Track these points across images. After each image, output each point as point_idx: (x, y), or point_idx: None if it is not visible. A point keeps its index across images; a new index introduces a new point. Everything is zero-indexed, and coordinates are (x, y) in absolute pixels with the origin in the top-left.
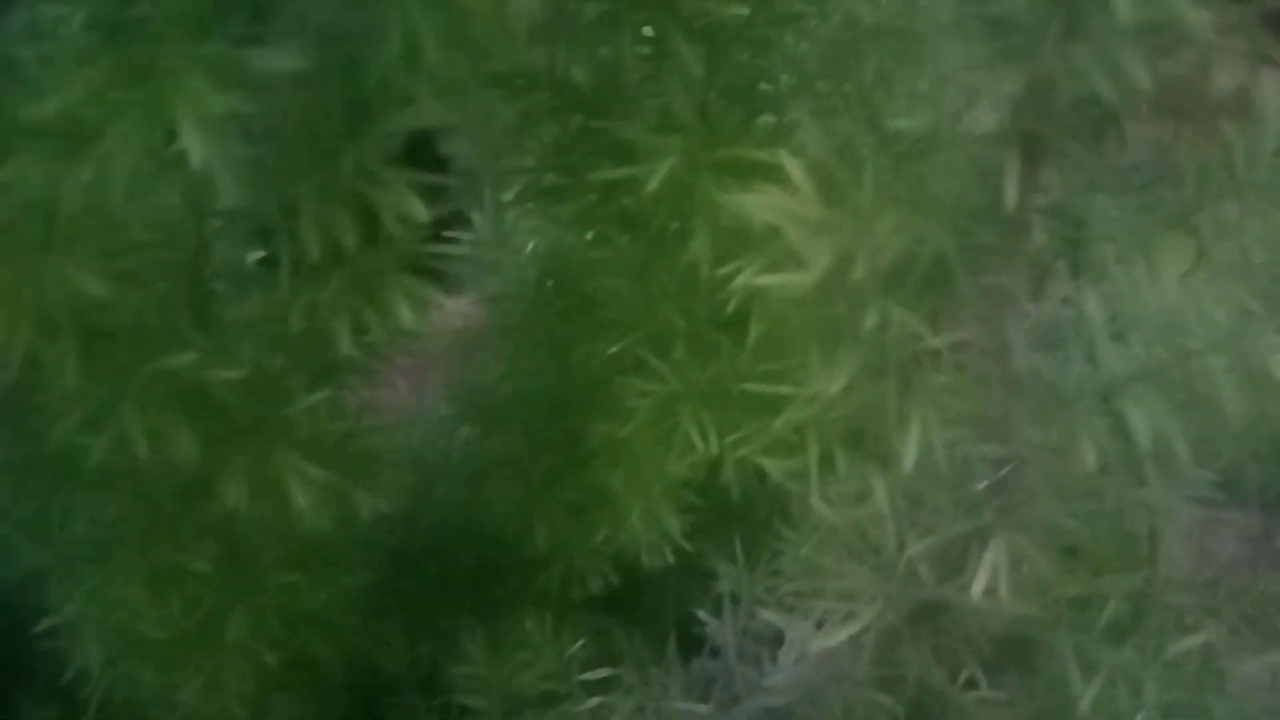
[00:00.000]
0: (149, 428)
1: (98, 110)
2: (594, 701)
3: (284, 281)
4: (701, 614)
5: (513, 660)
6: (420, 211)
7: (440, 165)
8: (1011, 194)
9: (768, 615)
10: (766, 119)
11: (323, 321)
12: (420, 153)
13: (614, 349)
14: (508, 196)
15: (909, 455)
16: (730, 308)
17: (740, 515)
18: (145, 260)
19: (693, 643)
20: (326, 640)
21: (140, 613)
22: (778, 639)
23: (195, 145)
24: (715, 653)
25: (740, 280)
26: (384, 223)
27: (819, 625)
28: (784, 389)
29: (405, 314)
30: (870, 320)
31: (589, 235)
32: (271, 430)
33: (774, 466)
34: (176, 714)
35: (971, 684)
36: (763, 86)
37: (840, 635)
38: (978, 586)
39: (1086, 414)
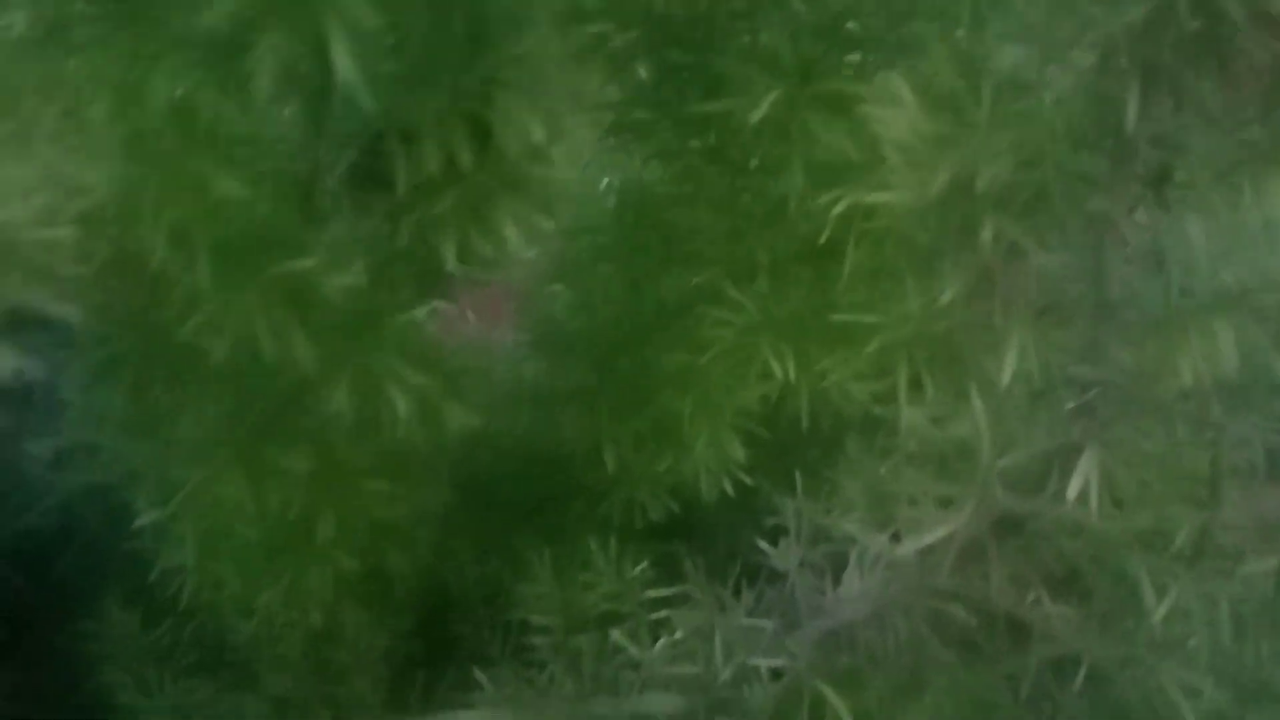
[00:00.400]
0: (270, 328)
1: (247, 22)
2: (658, 614)
3: (399, 196)
4: (762, 543)
5: (577, 581)
6: (539, 133)
7: None
8: (1131, 120)
9: (844, 525)
10: (853, 58)
11: (430, 238)
12: None
13: (695, 281)
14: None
15: (1006, 373)
16: (822, 239)
17: (805, 445)
18: (270, 169)
19: (753, 573)
20: (401, 553)
21: (237, 511)
22: (839, 570)
23: (342, 59)
24: (774, 580)
25: (846, 203)
26: (494, 145)
27: (894, 539)
28: (871, 318)
29: (512, 235)
30: (985, 234)
31: (674, 170)
32: (376, 338)
33: (860, 390)
34: (255, 618)
35: (1038, 602)
36: (850, 26)
37: (926, 539)
38: (1073, 490)
39: (1176, 337)
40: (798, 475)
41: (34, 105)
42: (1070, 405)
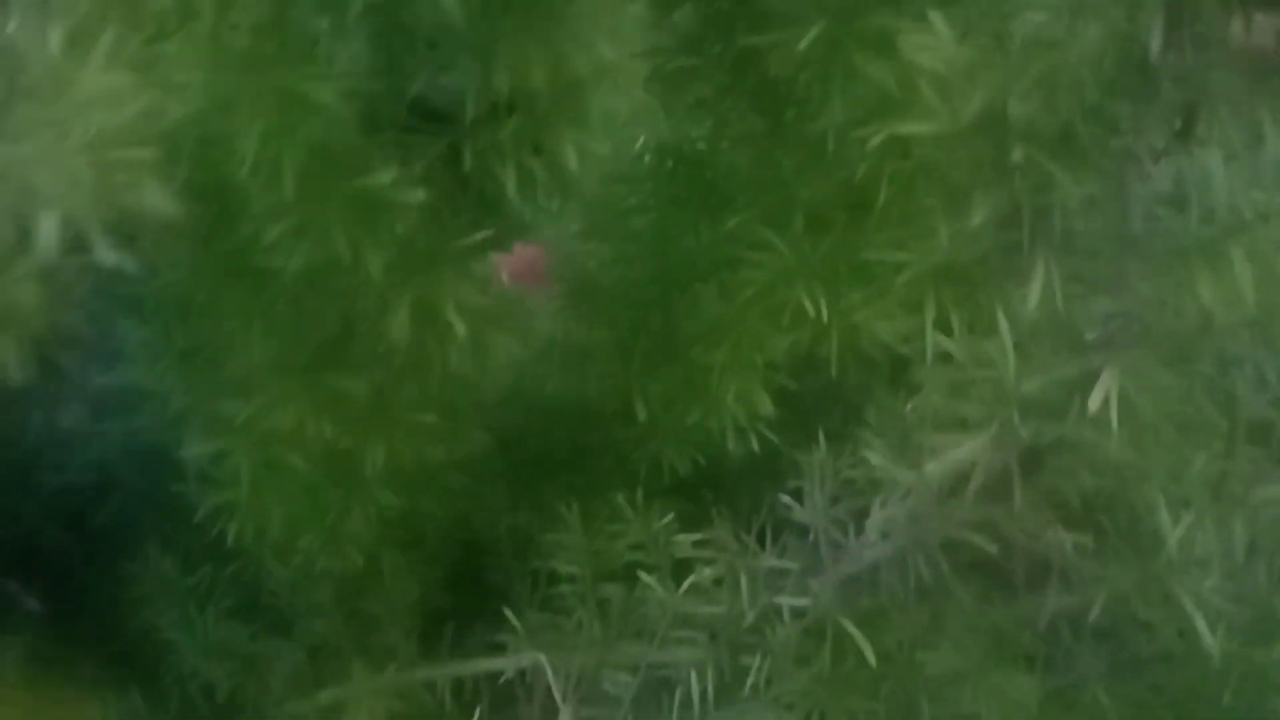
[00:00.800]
0: (347, 240)
1: None
2: (684, 555)
3: (463, 125)
4: (786, 499)
5: (604, 532)
6: (609, 52)
7: None
8: (1154, 56)
9: (872, 457)
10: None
11: (491, 166)
12: None
13: (731, 224)
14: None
15: (1031, 300)
16: (859, 174)
17: (831, 401)
18: (349, 90)
19: (778, 528)
20: (438, 497)
21: (290, 441)
22: (861, 523)
23: None
24: (798, 534)
25: (883, 136)
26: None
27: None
28: (902, 256)
29: (571, 161)
30: (1014, 159)
31: (715, 116)
32: (438, 261)
33: (886, 330)
34: (294, 563)
35: (1057, 533)
36: None
37: (951, 462)
38: (1093, 403)
39: (1194, 267)
40: (821, 433)
41: (120, 33)
42: (1091, 336)
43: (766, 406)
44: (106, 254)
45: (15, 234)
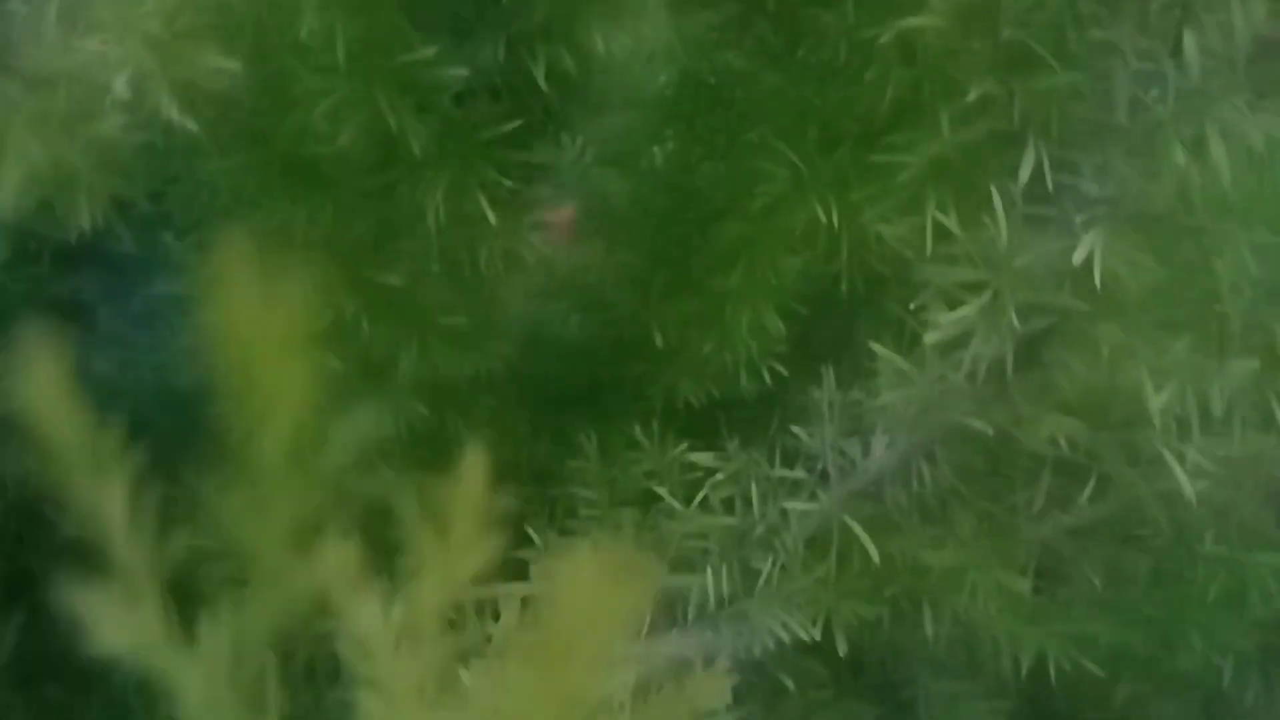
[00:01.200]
0: (392, 111)
1: None
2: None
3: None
4: (795, 429)
5: (621, 460)
6: None
7: None
8: None
9: (877, 349)
10: None
11: (520, 59)
12: None
13: (748, 136)
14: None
15: (1022, 178)
16: (867, 79)
17: (840, 340)
18: None
19: (789, 456)
20: (463, 415)
21: (327, 341)
22: (867, 448)
23: None
24: (808, 463)
25: (892, 34)
26: None
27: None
28: (907, 157)
29: (600, 46)
30: (1005, 35)
31: (734, 39)
32: (471, 149)
33: (890, 233)
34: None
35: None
36: None
37: (951, 320)
38: (1078, 258)
39: (1172, 145)
40: (830, 370)
41: None
42: (1079, 219)
43: (779, 332)
44: (171, 110)
45: (91, 99)
